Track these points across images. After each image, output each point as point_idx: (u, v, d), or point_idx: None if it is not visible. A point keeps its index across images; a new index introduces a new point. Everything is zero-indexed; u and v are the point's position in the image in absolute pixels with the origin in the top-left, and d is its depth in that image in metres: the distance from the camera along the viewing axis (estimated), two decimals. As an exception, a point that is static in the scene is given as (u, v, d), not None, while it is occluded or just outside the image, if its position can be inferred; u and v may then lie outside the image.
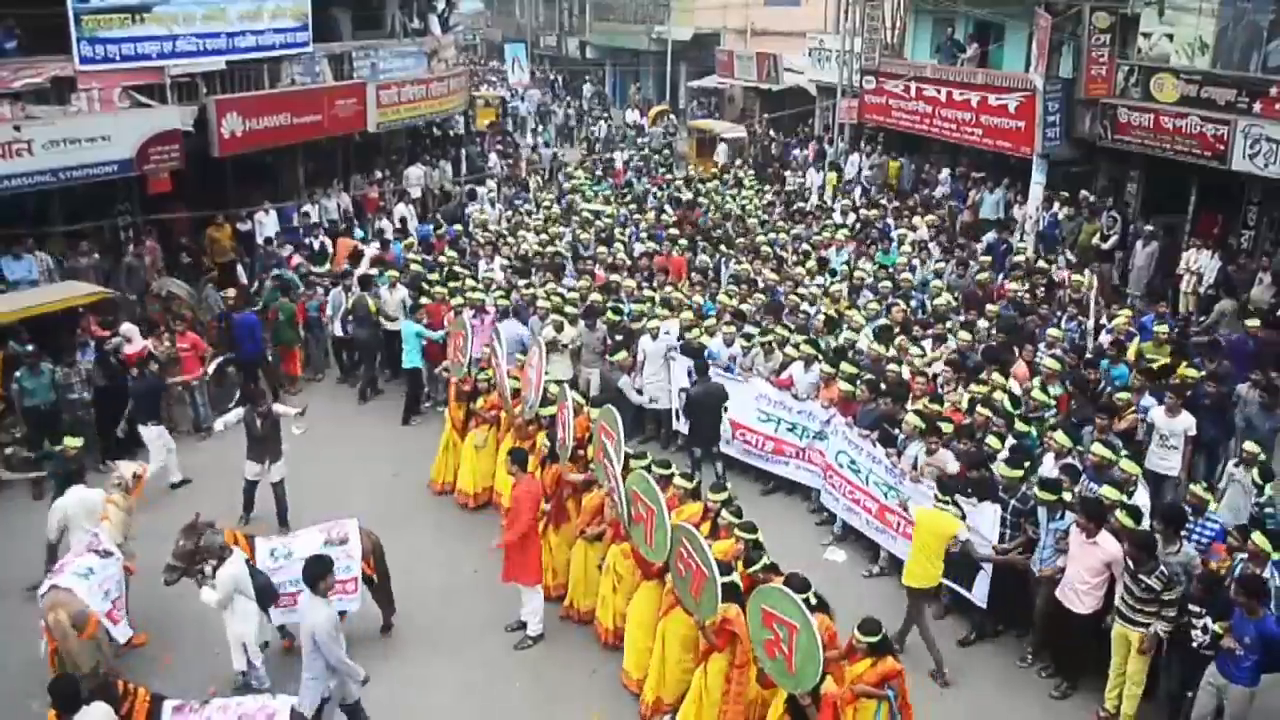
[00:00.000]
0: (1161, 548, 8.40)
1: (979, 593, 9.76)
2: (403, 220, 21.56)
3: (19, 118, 15.41)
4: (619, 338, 13.66)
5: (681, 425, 13.38)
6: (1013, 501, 9.40)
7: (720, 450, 12.72)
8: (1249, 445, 10.09)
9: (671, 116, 38.39)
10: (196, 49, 18.09)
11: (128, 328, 14.05)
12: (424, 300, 15.12)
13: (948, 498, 9.22)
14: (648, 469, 9.45)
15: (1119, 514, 8.68)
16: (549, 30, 57.66)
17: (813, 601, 7.52)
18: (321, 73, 21.43)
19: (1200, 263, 16.57)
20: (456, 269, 16.61)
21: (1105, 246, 18.13)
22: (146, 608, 9.70)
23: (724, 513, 9.02)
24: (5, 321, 13.35)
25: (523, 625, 9.86)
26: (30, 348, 12.94)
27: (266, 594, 8.59)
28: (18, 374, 12.47)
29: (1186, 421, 10.88)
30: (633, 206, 22.06)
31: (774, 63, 33.96)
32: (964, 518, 9.24)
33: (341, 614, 8.82)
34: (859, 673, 7.38)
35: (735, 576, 8.03)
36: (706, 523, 9.10)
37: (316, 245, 18.96)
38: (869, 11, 25.68)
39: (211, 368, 14.52)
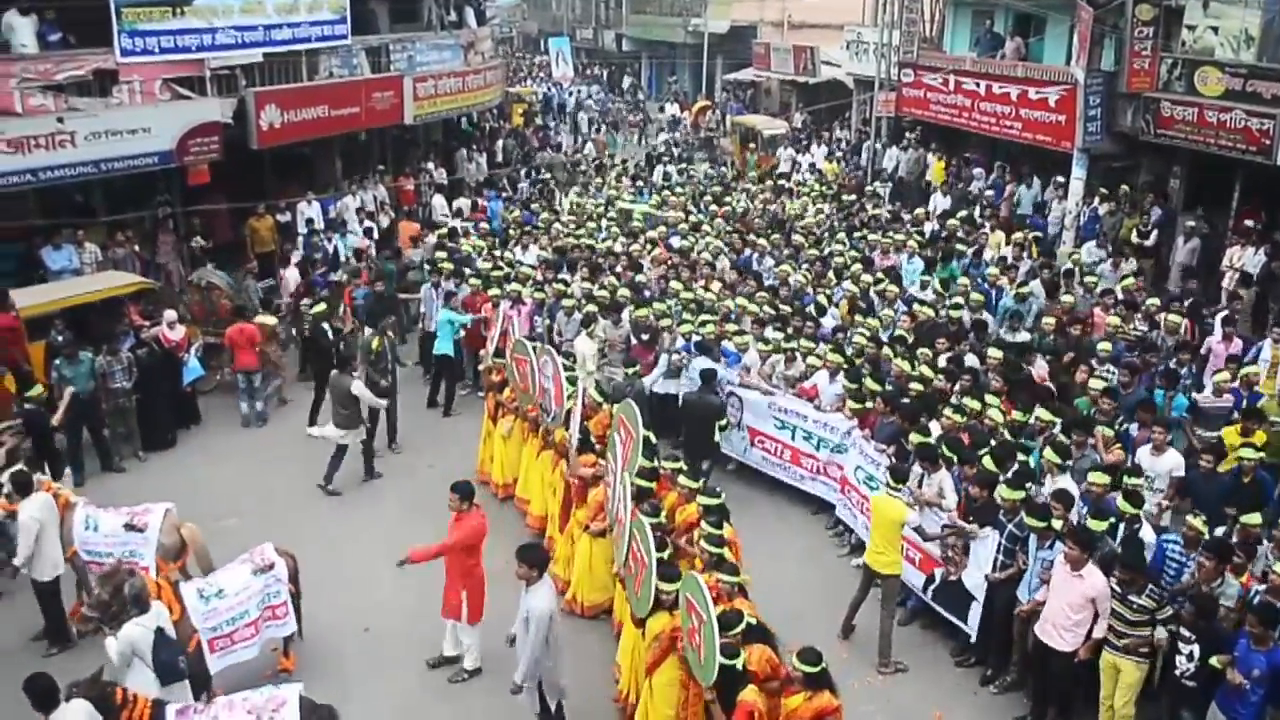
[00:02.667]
0: (1206, 582, 8.05)
1: (972, 623, 9.44)
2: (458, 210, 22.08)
3: (62, 109, 15.61)
4: (645, 336, 13.51)
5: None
6: (1010, 527, 8.99)
7: (708, 466, 12.27)
8: None
9: (716, 112, 38.08)
10: (235, 41, 18.23)
11: (169, 315, 14.22)
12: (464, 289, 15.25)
13: (898, 486, 9.34)
14: (678, 473, 9.63)
15: (1088, 519, 8.52)
16: (585, 23, 57.70)
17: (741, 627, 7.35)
18: (359, 65, 21.55)
19: (1244, 258, 16.29)
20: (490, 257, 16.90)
21: (1147, 243, 17.86)
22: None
23: (704, 523, 8.75)
24: (47, 311, 13.56)
25: (448, 660, 9.39)
26: (68, 336, 13.09)
27: (169, 671, 7.62)
28: (57, 362, 12.63)
29: (1172, 462, 10.12)
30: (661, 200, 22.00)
31: (811, 55, 33.82)
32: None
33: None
34: (794, 707, 7.03)
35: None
36: (698, 529, 8.92)
37: (352, 239, 19.11)
38: (907, 4, 25.43)
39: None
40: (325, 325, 14.41)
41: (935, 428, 10.71)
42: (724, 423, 12.10)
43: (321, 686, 9.07)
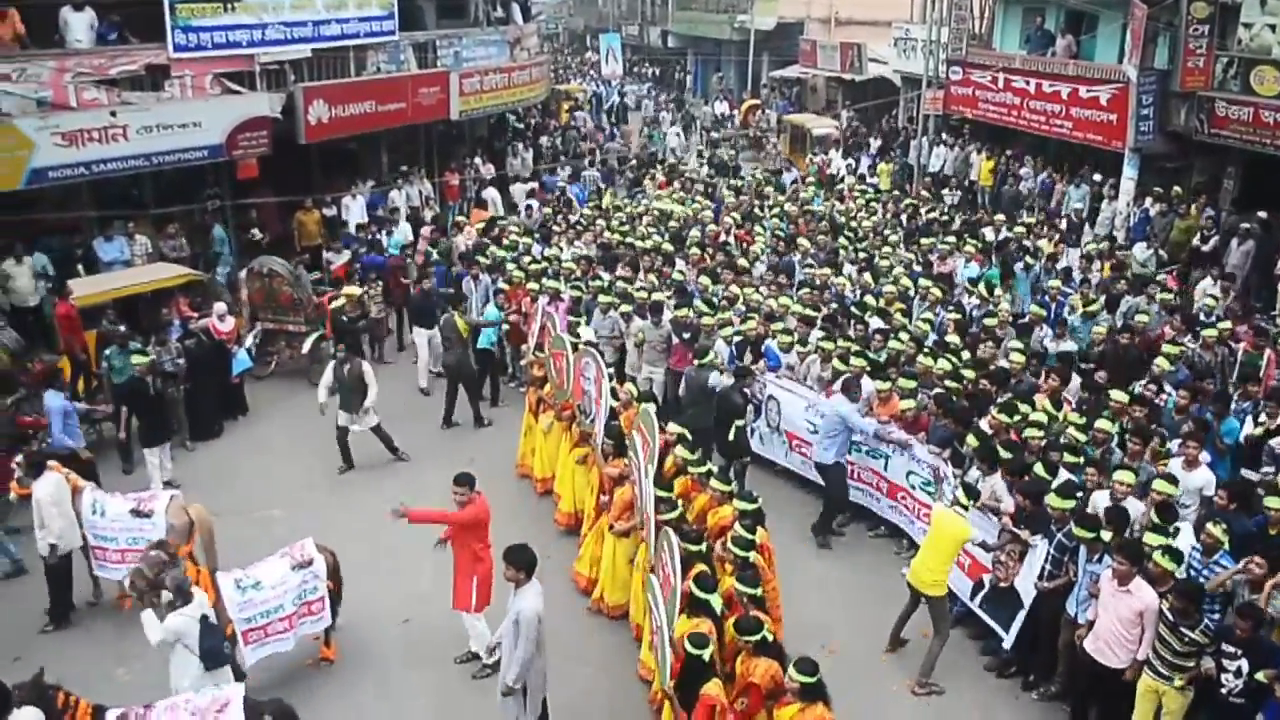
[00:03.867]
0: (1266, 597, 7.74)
1: (1012, 631, 9.24)
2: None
3: (115, 104, 15.87)
4: (686, 335, 13.40)
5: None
6: (1059, 536, 8.73)
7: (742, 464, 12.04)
8: None
9: (768, 112, 37.74)
10: (285, 37, 18.46)
11: (219, 307, 14.43)
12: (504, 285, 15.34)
13: (968, 504, 9.03)
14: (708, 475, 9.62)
15: (1158, 556, 7.86)
16: (631, 19, 57.70)
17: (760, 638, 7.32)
18: (406, 61, 21.71)
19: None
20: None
21: (1205, 249, 17.44)
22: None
23: (737, 525, 8.63)
24: (99, 302, 13.85)
25: (475, 656, 9.35)
26: (121, 327, 13.33)
27: (214, 656, 7.79)
28: (107, 352, 12.86)
29: (1203, 478, 9.58)
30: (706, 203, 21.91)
31: (858, 53, 33.56)
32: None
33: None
34: (787, 718, 6.85)
35: (714, 597, 7.79)
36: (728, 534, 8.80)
37: (394, 230, 19.30)
38: (956, 1, 25.18)
39: (308, 344, 15.22)
40: (344, 317, 14.95)
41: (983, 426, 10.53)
42: (742, 423, 11.83)
43: (357, 677, 9.24)
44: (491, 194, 23.44)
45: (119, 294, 14.22)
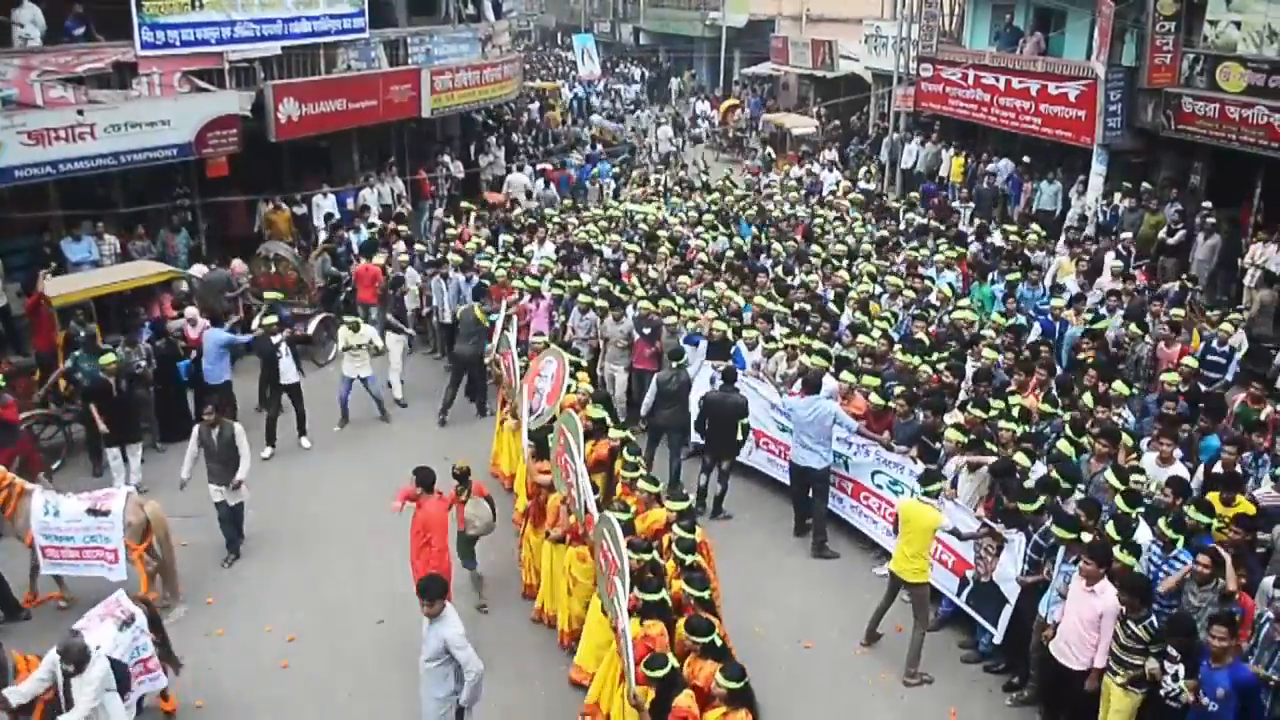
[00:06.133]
0: (1196, 587, 7.74)
1: (1001, 625, 9.26)
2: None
3: (82, 102, 15.67)
4: (647, 331, 13.36)
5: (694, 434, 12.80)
6: (1035, 536, 8.76)
7: (731, 464, 12.03)
8: None
9: (744, 110, 37.61)
10: (254, 34, 18.28)
11: (191, 311, 14.31)
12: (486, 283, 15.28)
13: (931, 490, 9.06)
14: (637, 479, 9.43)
15: (1118, 552, 7.85)
16: (603, 16, 57.63)
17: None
18: (377, 58, 21.57)
19: (1266, 255, 16.13)
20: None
21: (1171, 241, 17.67)
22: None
23: (675, 528, 8.60)
24: (80, 300, 13.60)
25: None
26: (92, 328, 13.15)
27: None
28: (75, 354, 12.67)
29: (1178, 473, 9.53)
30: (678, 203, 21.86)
31: (829, 49, 33.68)
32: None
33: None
34: None
35: (665, 594, 7.76)
36: (667, 534, 8.78)
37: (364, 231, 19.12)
38: (926, -2, 25.32)
39: (313, 325, 16.03)
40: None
41: (949, 420, 10.55)
42: (747, 420, 11.69)
43: (333, 678, 9.18)
44: (518, 178, 24.04)
45: (101, 292, 13.94)
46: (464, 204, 21.67)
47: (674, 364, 12.12)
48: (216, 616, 10.04)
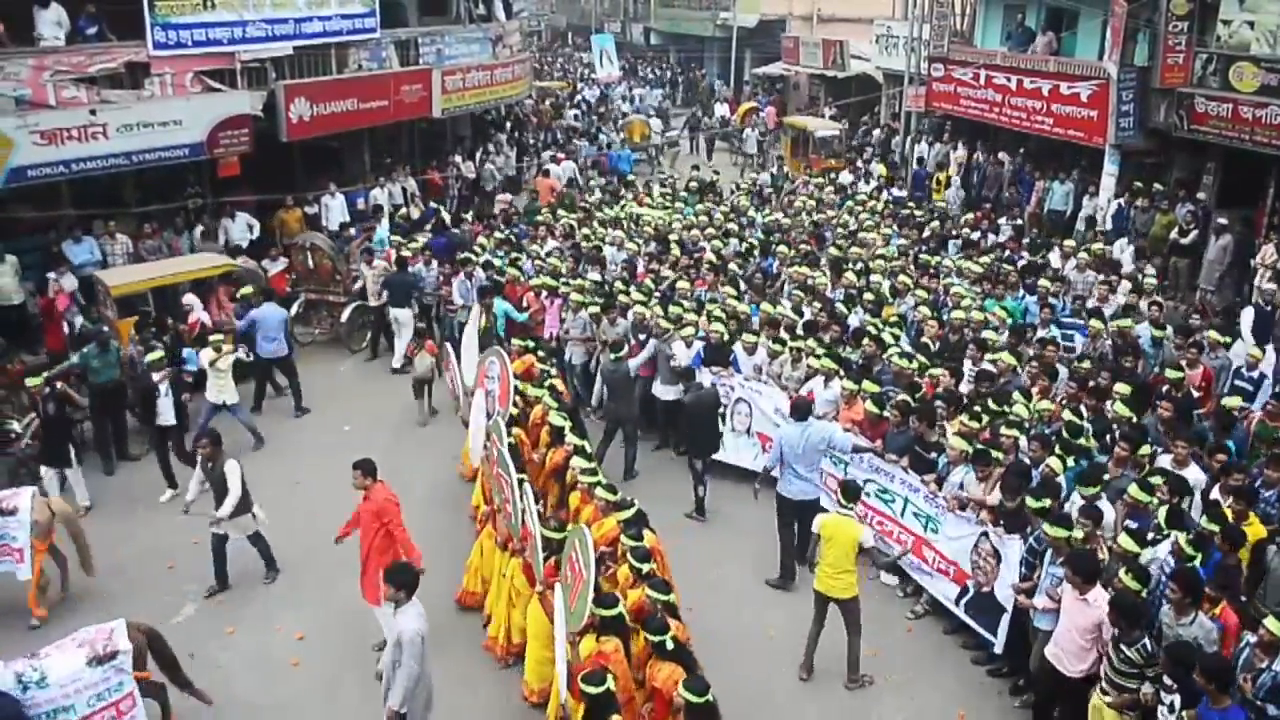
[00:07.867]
0: (1174, 617, 7.40)
1: (1000, 634, 9.17)
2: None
3: (94, 102, 15.76)
4: (642, 335, 13.22)
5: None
6: (1030, 539, 8.63)
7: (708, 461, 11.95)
8: None
9: (762, 115, 37.07)
10: (266, 34, 18.37)
11: (189, 298, 14.38)
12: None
13: (850, 504, 8.91)
14: (595, 485, 9.34)
15: (1123, 574, 7.49)
16: (614, 17, 57.66)
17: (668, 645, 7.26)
18: (388, 58, 21.64)
19: (1278, 257, 16.03)
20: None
21: (1184, 242, 17.57)
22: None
23: (624, 538, 8.45)
24: (139, 290, 14.21)
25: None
26: (99, 326, 13.22)
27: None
28: (85, 350, 12.71)
29: (1194, 476, 9.35)
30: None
31: (840, 49, 33.61)
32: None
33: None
34: None
35: (621, 608, 7.60)
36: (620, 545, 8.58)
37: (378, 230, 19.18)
38: (938, -2, 25.23)
39: (347, 313, 16.58)
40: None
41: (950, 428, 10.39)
42: (722, 410, 11.95)
43: (345, 674, 9.19)
44: (566, 166, 25.15)
45: (158, 283, 14.49)
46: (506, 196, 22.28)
47: (612, 356, 12.32)
48: (226, 616, 10.08)
